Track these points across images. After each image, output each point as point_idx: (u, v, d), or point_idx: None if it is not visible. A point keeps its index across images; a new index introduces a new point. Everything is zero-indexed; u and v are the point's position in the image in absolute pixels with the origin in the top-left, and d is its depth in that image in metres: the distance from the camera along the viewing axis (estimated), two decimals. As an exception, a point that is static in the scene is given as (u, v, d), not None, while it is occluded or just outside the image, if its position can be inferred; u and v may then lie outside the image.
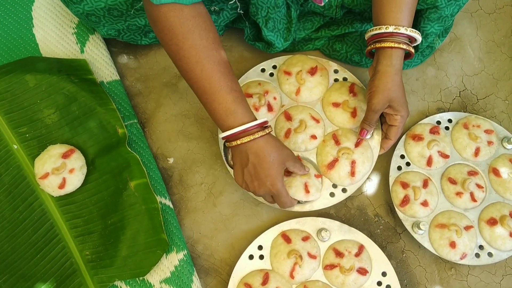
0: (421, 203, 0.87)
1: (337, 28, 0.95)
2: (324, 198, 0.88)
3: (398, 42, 0.77)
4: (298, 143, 0.89)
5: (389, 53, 0.78)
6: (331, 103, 0.92)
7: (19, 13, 0.99)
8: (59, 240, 0.86)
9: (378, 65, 0.79)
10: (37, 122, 0.90)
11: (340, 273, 0.83)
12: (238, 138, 0.73)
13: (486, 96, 1.00)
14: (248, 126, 0.73)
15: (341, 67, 0.96)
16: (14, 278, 0.83)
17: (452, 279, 0.88)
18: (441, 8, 0.82)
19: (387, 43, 0.78)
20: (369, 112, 0.83)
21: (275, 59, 0.96)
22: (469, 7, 1.05)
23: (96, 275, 0.83)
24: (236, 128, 0.72)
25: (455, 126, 0.94)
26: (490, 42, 1.03)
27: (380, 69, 0.79)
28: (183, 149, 0.95)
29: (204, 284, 0.87)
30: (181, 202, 0.92)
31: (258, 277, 0.83)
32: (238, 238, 0.90)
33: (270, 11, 0.86)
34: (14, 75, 0.91)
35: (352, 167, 0.87)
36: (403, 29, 0.77)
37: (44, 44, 0.98)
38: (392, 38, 0.78)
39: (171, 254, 0.85)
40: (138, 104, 0.98)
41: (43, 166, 0.85)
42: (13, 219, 0.86)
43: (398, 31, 0.77)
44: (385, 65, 0.79)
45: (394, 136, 0.86)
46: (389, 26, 0.77)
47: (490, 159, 0.92)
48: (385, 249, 0.89)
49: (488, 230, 0.86)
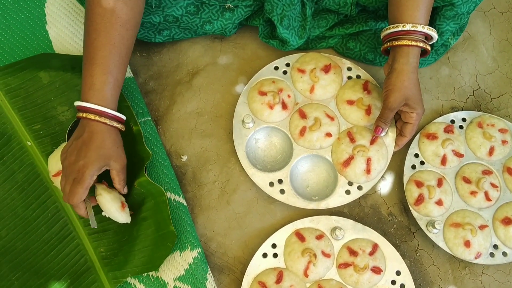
0: (435, 202, 0.87)
1: (351, 26, 0.95)
2: (340, 195, 0.88)
3: (415, 40, 0.77)
4: (313, 141, 0.89)
5: (406, 51, 0.78)
6: (345, 100, 0.92)
7: (32, 10, 0.99)
8: (73, 237, 0.85)
9: (395, 63, 0.79)
10: (51, 119, 0.90)
11: (354, 272, 0.83)
12: (89, 112, 0.75)
13: (500, 95, 0.99)
14: (104, 109, 0.75)
15: (354, 65, 0.96)
16: (27, 275, 0.83)
17: (466, 279, 0.88)
18: (458, 6, 0.82)
19: (404, 41, 0.77)
20: (385, 110, 0.83)
21: (288, 57, 0.96)
22: (483, 6, 1.04)
23: (110, 271, 0.83)
24: (93, 105, 0.74)
25: (469, 125, 0.94)
26: (503, 41, 1.03)
27: (396, 67, 0.79)
28: (197, 147, 0.94)
29: (218, 282, 0.87)
30: (195, 200, 0.91)
31: (272, 276, 0.83)
32: (251, 236, 0.89)
33: (285, 8, 0.86)
34: (27, 72, 0.91)
35: (367, 165, 0.87)
36: (421, 27, 0.77)
37: (57, 41, 0.98)
38: (409, 36, 0.77)
39: (185, 252, 0.85)
40: (151, 101, 0.98)
41: (56, 163, 0.85)
42: (26, 217, 0.86)
43: (415, 29, 0.77)
44: (402, 63, 0.78)
45: (410, 133, 0.86)
46: (406, 24, 0.77)
47: (504, 158, 0.91)
48: (399, 248, 0.89)
49: (503, 230, 0.86)
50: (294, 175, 0.90)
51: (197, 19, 0.93)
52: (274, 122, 0.92)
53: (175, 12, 0.90)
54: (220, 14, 0.93)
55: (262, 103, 0.91)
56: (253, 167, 0.89)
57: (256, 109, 0.92)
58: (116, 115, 0.77)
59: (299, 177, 0.91)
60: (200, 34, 0.98)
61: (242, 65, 0.99)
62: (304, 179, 0.92)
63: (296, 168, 0.91)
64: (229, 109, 0.96)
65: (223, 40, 1.01)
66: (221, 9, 0.92)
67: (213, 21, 0.93)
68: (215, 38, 1.01)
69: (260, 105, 0.91)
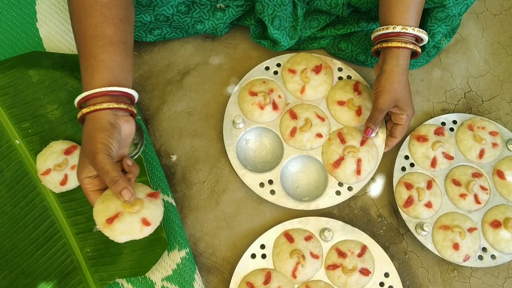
0: (425, 204, 0.87)
1: (343, 27, 0.95)
2: (330, 196, 0.88)
3: (405, 42, 0.77)
4: (304, 142, 0.89)
5: (396, 53, 0.78)
6: (336, 101, 0.91)
7: (23, 7, 0.99)
8: (60, 237, 0.85)
9: (385, 65, 0.79)
10: (40, 118, 0.89)
11: (343, 273, 0.83)
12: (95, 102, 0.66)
13: (491, 98, 0.99)
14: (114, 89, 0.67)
15: (345, 65, 0.95)
16: (14, 274, 0.82)
17: (455, 281, 0.88)
18: (449, 7, 0.82)
19: (394, 43, 0.77)
20: (375, 112, 0.83)
21: (279, 57, 0.95)
22: (475, 8, 1.04)
23: (96, 272, 0.83)
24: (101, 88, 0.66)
25: (460, 127, 0.94)
26: (496, 43, 1.03)
27: (386, 69, 0.79)
28: (187, 147, 0.94)
29: (206, 282, 0.87)
30: (184, 200, 0.91)
31: (260, 276, 0.83)
32: (240, 237, 0.89)
33: (277, 9, 0.86)
34: (17, 70, 0.90)
35: (357, 166, 0.87)
36: (411, 29, 0.77)
37: (47, 39, 0.97)
38: (399, 38, 0.77)
39: (173, 252, 0.85)
40: (141, 100, 0.97)
41: (45, 162, 0.85)
42: (14, 215, 0.86)
43: (405, 31, 0.77)
44: (391, 65, 0.78)
45: (400, 134, 0.86)
46: (396, 26, 0.77)
47: (494, 161, 0.91)
48: (388, 250, 0.89)
49: (492, 233, 0.86)
50: (285, 176, 0.90)
51: (188, 19, 0.92)
52: (265, 122, 0.91)
53: (166, 11, 0.90)
54: (211, 14, 0.92)
55: (252, 104, 0.91)
56: (243, 168, 0.89)
57: (246, 110, 0.91)
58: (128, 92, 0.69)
59: (290, 177, 0.91)
60: (192, 33, 0.97)
61: (233, 65, 0.99)
62: (294, 180, 0.91)
63: (286, 169, 0.90)
64: (220, 109, 0.96)
65: (215, 39, 1.01)
66: (213, 8, 0.92)
67: (205, 21, 0.93)
68: (207, 37, 1.01)
69: (251, 106, 0.91)
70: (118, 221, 0.65)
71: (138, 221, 0.66)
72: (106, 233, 0.65)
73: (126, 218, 0.65)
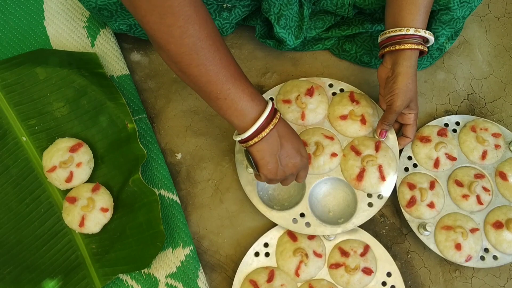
0: (427, 204, 0.88)
1: (348, 28, 0.95)
2: (364, 210, 0.86)
3: (416, 44, 0.79)
4: (321, 166, 0.88)
5: (409, 55, 0.79)
6: (337, 117, 0.91)
7: (30, 5, 1.00)
8: (66, 233, 0.86)
9: (398, 67, 0.80)
10: (47, 115, 0.90)
11: (345, 273, 0.84)
12: (268, 124, 0.70)
13: (494, 99, 1.00)
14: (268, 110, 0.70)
15: (334, 80, 0.95)
16: (18, 269, 0.83)
17: (457, 281, 0.88)
18: (454, 10, 0.83)
19: (407, 45, 0.78)
20: (390, 114, 0.83)
21: (270, 91, 0.94)
22: (479, 11, 1.05)
23: (101, 268, 0.83)
24: (265, 113, 0.69)
25: (463, 129, 0.94)
26: (499, 46, 1.03)
27: (401, 71, 0.80)
28: (191, 145, 0.95)
29: (209, 280, 0.87)
30: (188, 198, 0.92)
31: (263, 274, 0.84)
32: (244, 235, 0.90)
33: (283, 8, 0.87)
34: (24, 67, 0.91)
35: (380, 172, 0.86)
36: (423, 32, 0.78)
37: (55, 37, 0.98)
38: (411, 39, 0.78)
39: (177, 250, 0.86)
40: (147, 99, 0.98)
41: (50, 159, 0.86)
42: (19, 211, 0.86)
43: (418, 33, 0.78)
44: (406, 66, 0.79)
45: (412, 134, 0.87)
46: (410, 28, 0.78)
47: (497, 163, 0.92)
48: (390, 250, 0.89)
49: (494, 233, 0.87)
50: (314, 205, 0.88)
51: (195, 18, 0.93)
52: None
53: (173, 11, 0.90)
54: (217, 14, 0.93)
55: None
56: (272, 210, 0.86)
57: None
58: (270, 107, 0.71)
59: (319, 204, 0.89)
60: (197, 33, 0.98)
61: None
62: (324, 205, 0.89)
63: (313, 197, 0.88)
64: (225, 108, 0.96)
65: (220, 39, 1.02)
66: (219, 8, 0.93)
67: (211, 21, 0.93)
68: (212, 37, 1.02)
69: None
70: (86, 221, 0.83)
71: (99, 212, 0.84)
72: (84, 232, 0.84)
73: (89, 216, 0.83)
